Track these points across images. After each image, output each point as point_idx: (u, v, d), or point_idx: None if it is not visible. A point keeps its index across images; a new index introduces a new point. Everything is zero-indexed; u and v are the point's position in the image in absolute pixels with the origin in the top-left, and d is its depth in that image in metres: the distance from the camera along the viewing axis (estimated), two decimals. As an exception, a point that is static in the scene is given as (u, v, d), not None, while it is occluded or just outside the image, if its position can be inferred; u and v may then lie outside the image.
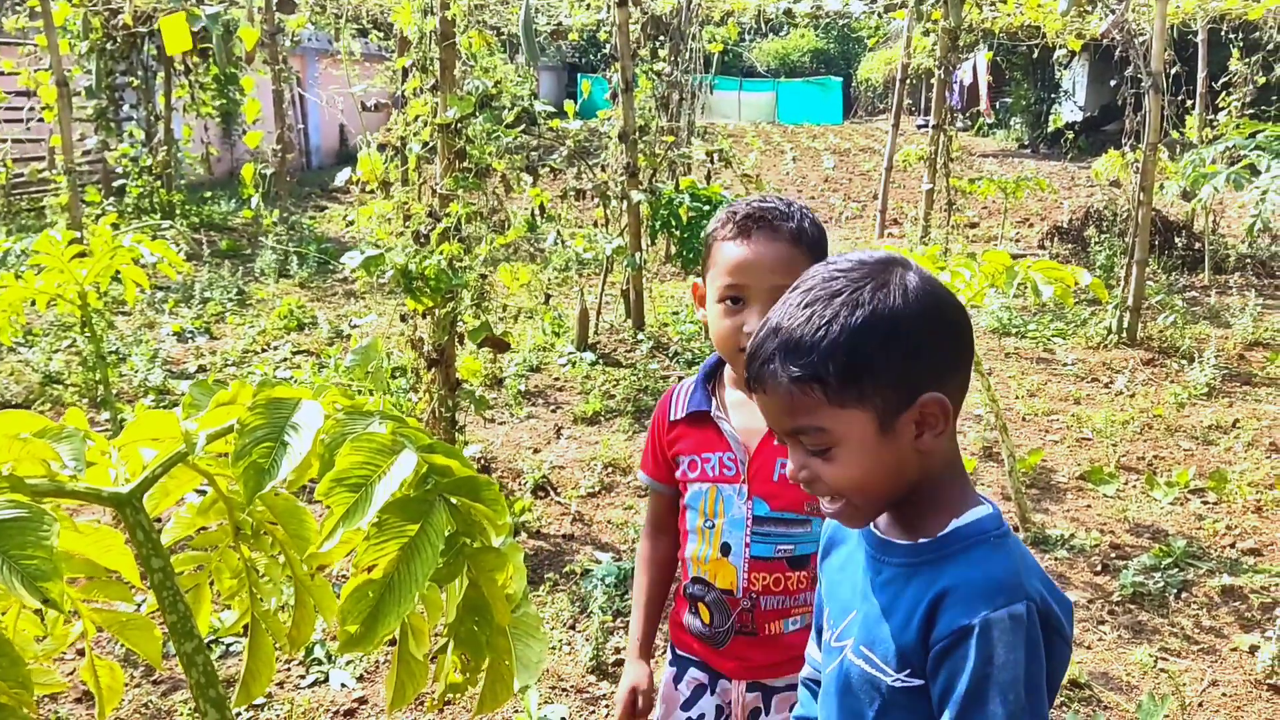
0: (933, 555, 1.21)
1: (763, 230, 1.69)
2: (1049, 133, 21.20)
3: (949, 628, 1.13)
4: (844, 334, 1.14)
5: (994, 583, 1.15)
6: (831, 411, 1.16)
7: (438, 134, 3.96)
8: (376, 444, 1.49)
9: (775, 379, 1.18)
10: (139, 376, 5.94)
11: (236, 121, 12.68)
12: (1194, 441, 5.27)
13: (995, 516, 1.22)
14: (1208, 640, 3.45)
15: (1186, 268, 9.35)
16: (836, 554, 1.38)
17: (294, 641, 2.10)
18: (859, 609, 1.27)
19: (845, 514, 1.23)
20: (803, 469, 1.22)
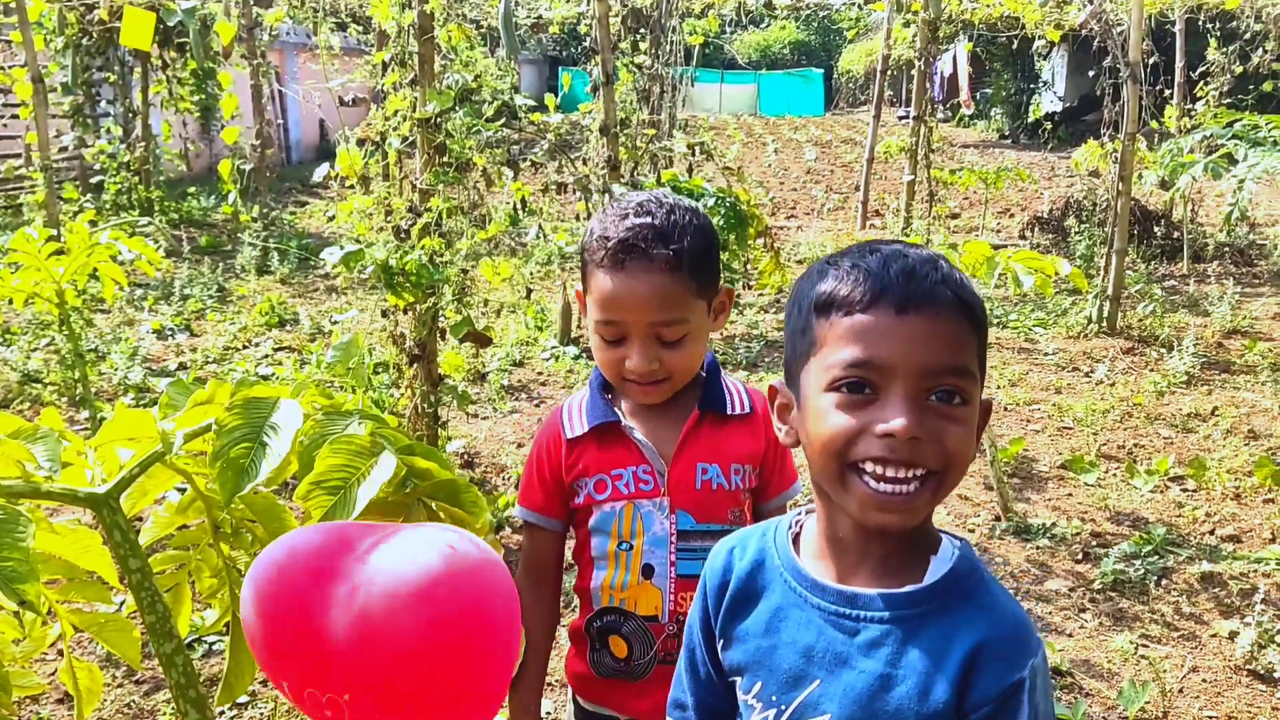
0: (934, 603, 1.07)
1: (637, 260, 1.51)
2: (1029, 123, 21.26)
3: (999, 686, 1.01)
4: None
5: (1023, 627, 1.07)
6: (976, 365, 1.09)
7: (417, 129, 3.94)
8: (356, 446, 1.49)
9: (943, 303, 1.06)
10: (119, 375, 5.90)
11: (215, 117, 12.58)
12: (1173, 429, 5.31)
13: (969, 547, 1.14)
14: (1188, 627, 3.47)
15: (1165, 257, 9.41)
16: (755, 612, 1.17)
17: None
18: (824, 678, 1.09)
19: (923, 501, 1.06)
20: (923, 425, 1.04)
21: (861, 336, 1.04)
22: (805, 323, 1.10)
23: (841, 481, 1.06)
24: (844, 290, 1.06)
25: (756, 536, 1.22)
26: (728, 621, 1.18)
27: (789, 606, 1.13)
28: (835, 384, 1.05)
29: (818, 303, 1.08)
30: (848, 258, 1.10)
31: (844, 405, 1.04)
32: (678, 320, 1.55)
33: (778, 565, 1.17)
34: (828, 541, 1.14)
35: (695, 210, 1.59)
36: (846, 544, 1.12)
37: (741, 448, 1.66)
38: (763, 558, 1.18)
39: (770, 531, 1.21)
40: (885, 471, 1.03)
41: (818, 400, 1.07)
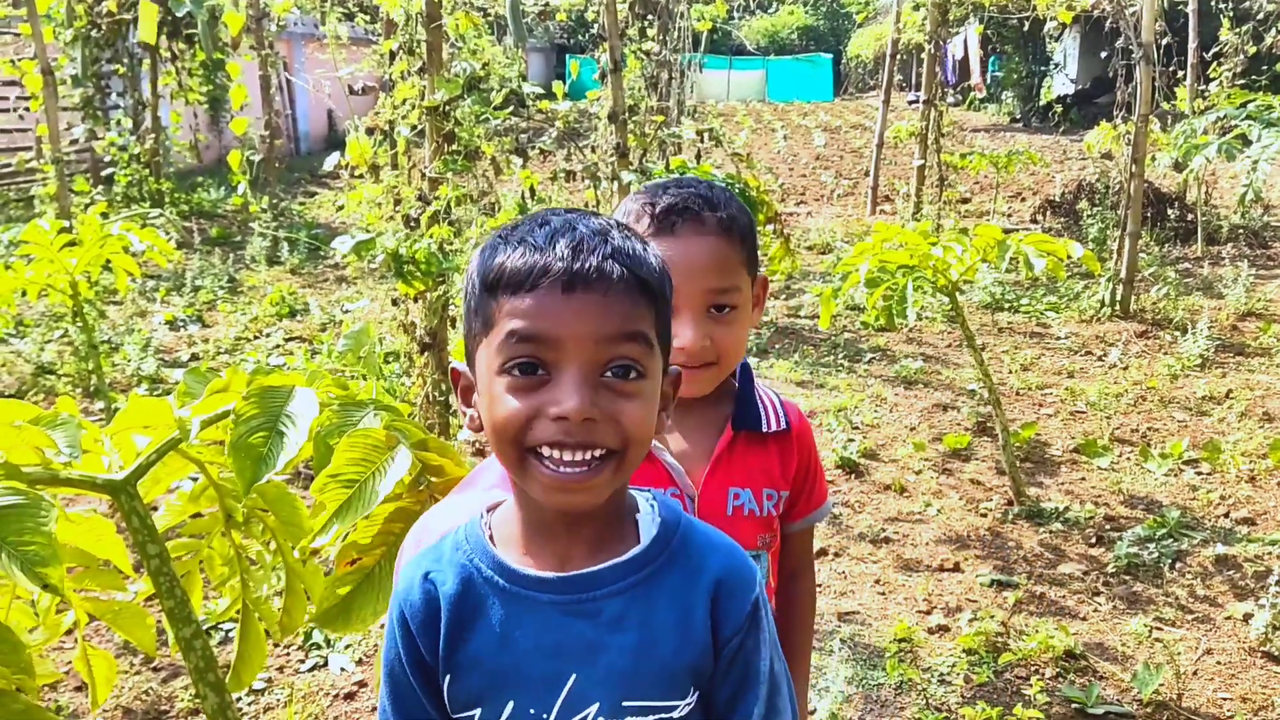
0: (661, 559, 1.07)
1: (689, 224, 1.43)
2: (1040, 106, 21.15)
3: (742, 613, 1.06)
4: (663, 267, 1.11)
5: (740, 553, 1.11)
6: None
7: (426, 117, 3.94)
8: (372, 441, 1.49)
9: (611, 279, 1.03)
10: (132, 365, 5.93)
11: (224, 108, 12.61)
12: (1187, 413, 5.29)
13: (665, 497, 1.13)
14: (1202, 609, 3.47)
15: (1179, 239, 9.35)
16: (480, 634, 1.08)
17: (285, 627, 2.11)
18: (579, 670, 1.05)
19: (604, 480, 1.04)
20: (596, 405, 1.01)
21: (529, 316, 1.01)
22: (478, 302, 1.06)
23: (522, 466, 1.04)
24: (510, 268, 1.02)
25: (448, 554, 1.12)
26: (449, 653, 1.09)
27: (518, 614, 1.07)
28: (506, 366, 1.02)
29: (486, 281, 1.04)
30: (518, 231, 1.07)
31: (516, 388, 1.02)
32: (732, 288, 1.44)
33: (489, 576, 1.08)
34: (534, 533, 1.10)
35: (731, 190, 1.52)
36: (555, 530, 1.08)
37: (775, 470, 1.54)
38: (468, 574, 1.09)
39: (460, 545, 1.12)
40: (562, 455, 1.01)
41: (491, 384, 1.04)
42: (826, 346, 6.55)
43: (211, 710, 1.60)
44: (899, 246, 4.00)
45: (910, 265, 3.95)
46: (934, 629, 3.35)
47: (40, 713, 1.16)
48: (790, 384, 5.83)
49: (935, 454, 4.79)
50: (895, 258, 3.96)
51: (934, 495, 4.37)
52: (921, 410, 5.38)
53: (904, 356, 6.26)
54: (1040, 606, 3.49)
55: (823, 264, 8.83)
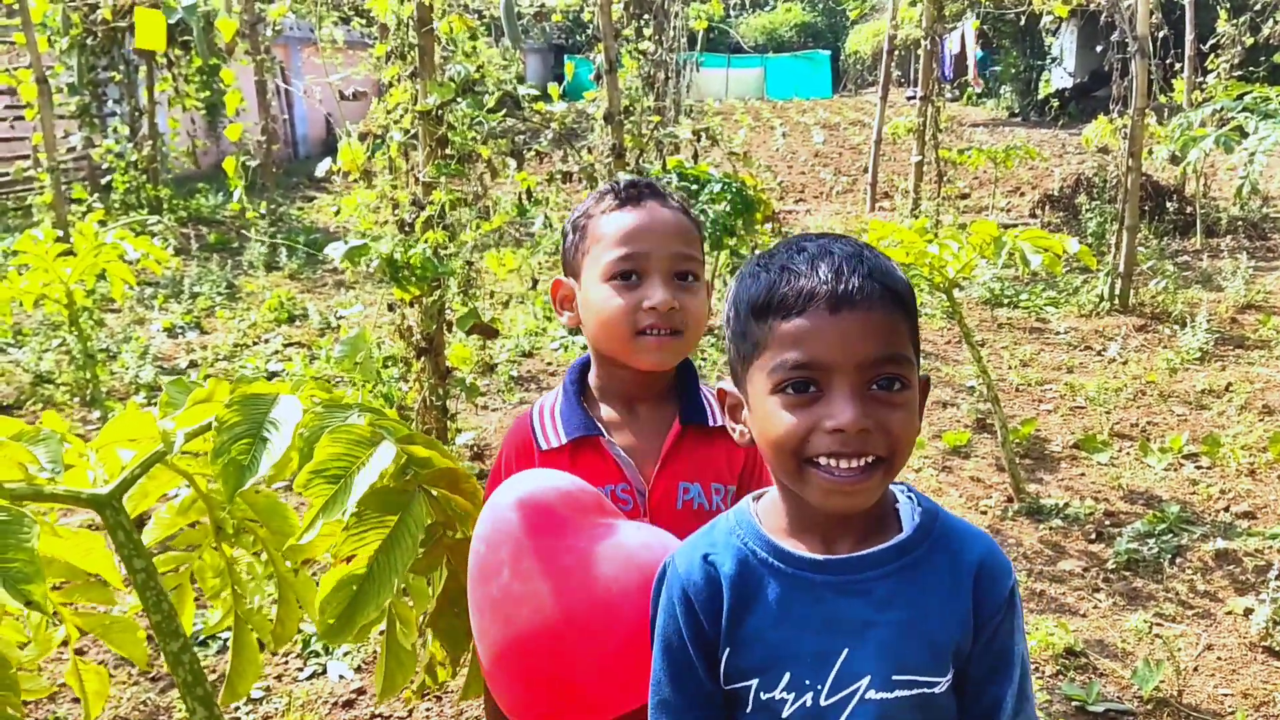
0: (925, 544, 1.17)
1: (652, 196, 1.55)
2: (1038, 100, 21.13)
3: (1002, 595, 1.15)
4: (909, 281, 1.16)
5: (992, 540, 1.20)
6: (910, 350, 1.14)
7: (419, 121, 3.93)
8: (355, 436, 1.49)
9: (873, 298, 1.10)
10: (130, 374, 5.92)
11: (222, 113, 12.59)
12: (1187, 406, 5.27)
13: (907, 485, 1.23)
14: (1202, 605, 3.45)
15: (1178, 232, 9.33)
16: (759, 610, 1.17)
17: (278, 638, 2.10)
18: (851, 645, 1.13)
19: (875, 483, 1.11)
20: (868, 416, 1.09)
21: (800, 339, 1.10)
22: (744, 327, 1.15)
23: (800, 475, 1.12)
24: (778, 293, 1.11)
25: (724, 538, 1.21)
26: (731, 629, 1.17)
27: (793, 591, 1.16)
28: (780, 386, 1.11)
29: (754, 307, 1.14)
30: (776, 259, 1.16)
31: (791, 405, 1.11)
32: (695, 257, 1.54)
33: (764, 558, 1.18)
34: (805, 521, 1.18)
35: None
36: (826, 519, 1.16)
37: (722, 464, 1.57)
38: (744, 555, 1.19)
39: (734, 530, 1.21)
40: (839, 464, 1.09)
41: (765, 402, 1.13)
42: (825, 345, 6.54)
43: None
44: (895, 244, 3.99)
45: (906, 263, 3.93)
46: (934, 628, 3.33)
47: (23, 730, 1.15)
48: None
49: (935, 451, 4.78)
50: (892, 255, 3.94)
51: (934, 493, 4.36)
52: (921, 408, 5.37)
53: (903, 354, 6.24)
54: (1040, 604, 3.48)
55: (821, 262, 8.80)
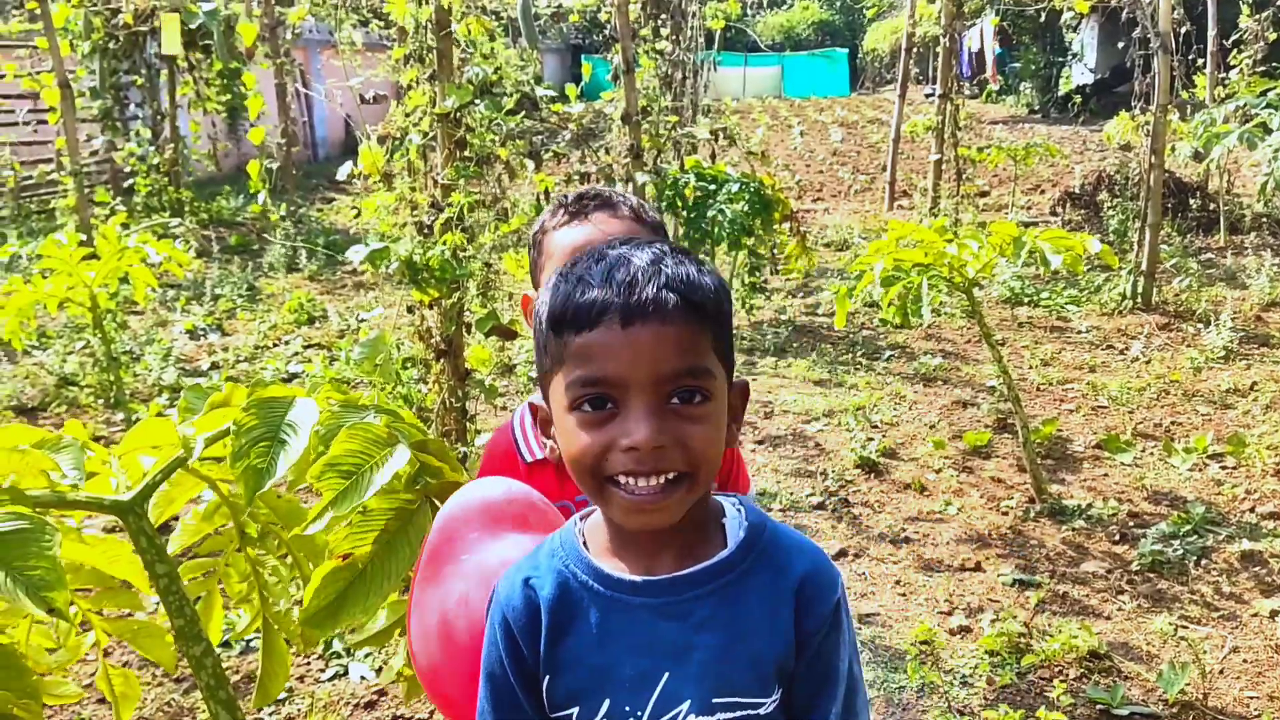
0: (748, 560, 1.12)
1: (601, 208, 1.52)
2: (1059, 97, 21.00)
3: (826, 608, 1.11)
4: (717, 288, 1.09)
5: (821, 553, 1.16)
6: (713, 360, 1.08)
7: (438, 123, 3.93)
8: (372, 434, 1.49)
9: (667, 309, 1.04)
10: (153, 376, 5.97)
11: (242, 116, 12.67)
12: (1211, 406, 5.22)
13: (740, 497, 1.19)
14: (1228, 607, 3.42)
15: (1201, 229, 9.25)
16: (578, 634, 1.13)
17: (307, 640, 2.11)
18: (671, 668, 1.09)
19: (677, 500, 1.07)
20: (664, 432, 1.04)
21: (593, 355, 1.06)
22: (545, 340, 1.12)
23: (601, 493, 1.09)
24: (571, 306, 1.07)
25: (546, 560, 1.17)
26: (550, 654, 1.13)
27: (613, 616, 1.11)
28: (576, 403, 1.07)
29: (551, 320, 1.10)
30: (576, 269, 1.11)
31: (587, 423, 1.07)
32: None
33: (584, 580, 1.13)
34: (624, 540, 1.14)
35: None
36: (644, 538, 1.12)
37: None
38: (564, 578, 1.14)
39: (556, 551, 1.17)
40: (636, 483, 1.05)
41: (565, 419, 1.09)
42: (845, 344, 6.52)
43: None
44: (914, 245, 3.97)
45: (925, 263, 3.91)
46: (955, 630, 3.32)
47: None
48: (808, 382, 5.81)
49: (955, 452, 4.76)
50: (910, 256, 3.93)
51: (954, 494, 4.34)
52: (941, 408, 5.35)
53: (923, 353, 6.22)
54: (1063, 606, 3.45)
55: (840, 260, 8.78)
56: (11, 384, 5.75)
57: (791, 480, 4.51)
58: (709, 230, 6.58)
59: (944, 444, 4.79)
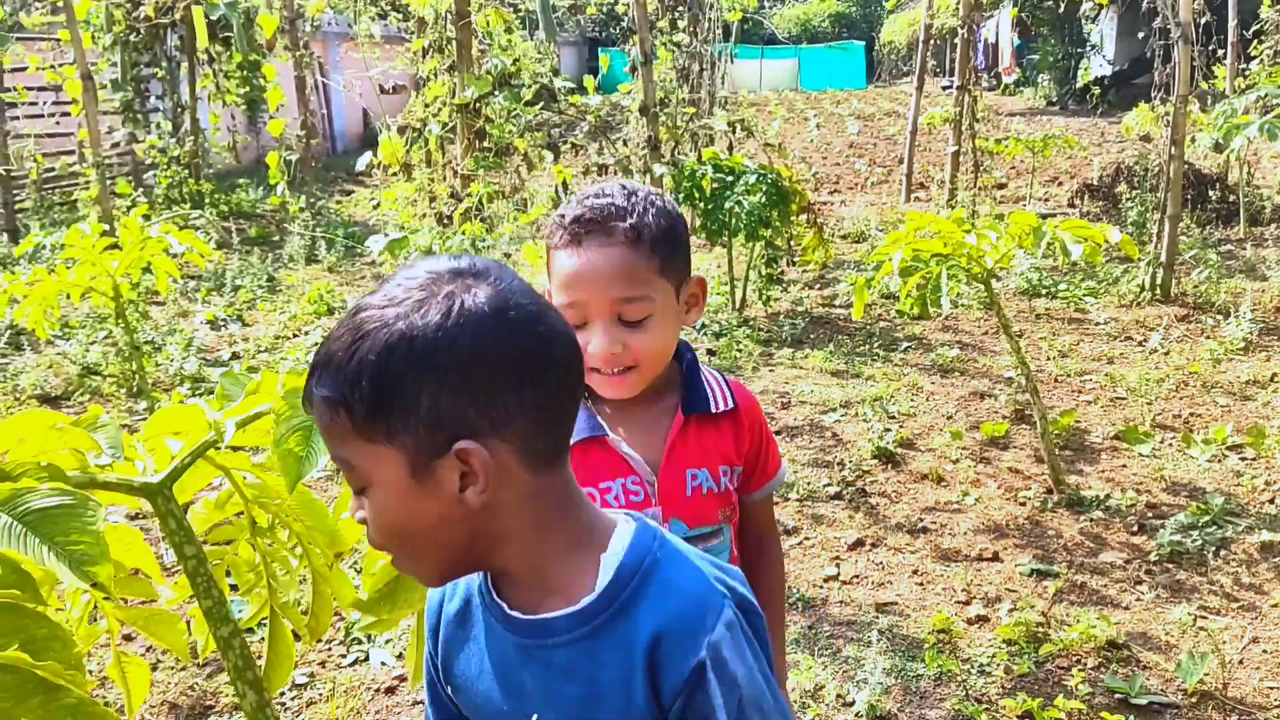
0: (609, 610, 0.99)
1: (594, 235, 1.47)
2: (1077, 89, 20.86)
3: (680, 675, 0.96)
4: (373, 355, 0.92)
5: (694, 600, 1.00)
6: (359, 445, 0.96)
7: (457, 114, 3.96)
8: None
9: (310, 400, 0.98)
10: (174, 365, 6.01)
11: (262, 108, 12.74)
12: (1231, 397, 5.20)
13: (644, 529, 1.03)
14: (1247, 597, 3.42)
15: (1221, 221, 9.20)
16: (466, 655, 1.09)
17: (313, 631, 2.13)
18: (540, 711, 1.03)
19: (403, 567, 1.04)
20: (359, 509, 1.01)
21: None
22: None
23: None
24: None
25: None
26: (446, 667, 1.11)
27: (493, 645, 1.06)
28: None
29: None
30: None
31: None
32: (640, 297, 1.48)
33: (479, 601, 1.07)
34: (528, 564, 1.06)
35: (660, 195, 1.56)
36: (532, 573, 1.05)
37: (728, 447, 1.62)
38: (470, 594, 1.09)
39: None
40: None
41: None
42: (862, 336, 6.52)
43: (250, 708, 1.63)
44: (932, 235, 3.97)
45: (944, 254, 3.91)
46: (973, 619, 3.33)
47: (92, 705, 1.19)
48: (826, 374, 5.81)
49: (973, 442, 4.76)
50: (929, 246, 3.93)
51: (972, 484, 4.34)
52: (958, 398, 5.34)
53: (940, 345, 6.21)
54: (1081, 596, 3.46)
55: (857, 253, 8.77)
56: (35, 373, 5.81)
57: (809, 470, 4.52)
58: (726, 221, 6.59)
59: (961, 435, 4.79)
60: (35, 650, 1.24)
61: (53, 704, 1.19)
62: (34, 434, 1.54)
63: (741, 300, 7.10)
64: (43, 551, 1.34)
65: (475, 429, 0.93)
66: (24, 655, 1.19)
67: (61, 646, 1.30)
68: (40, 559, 1.34)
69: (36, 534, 1.34)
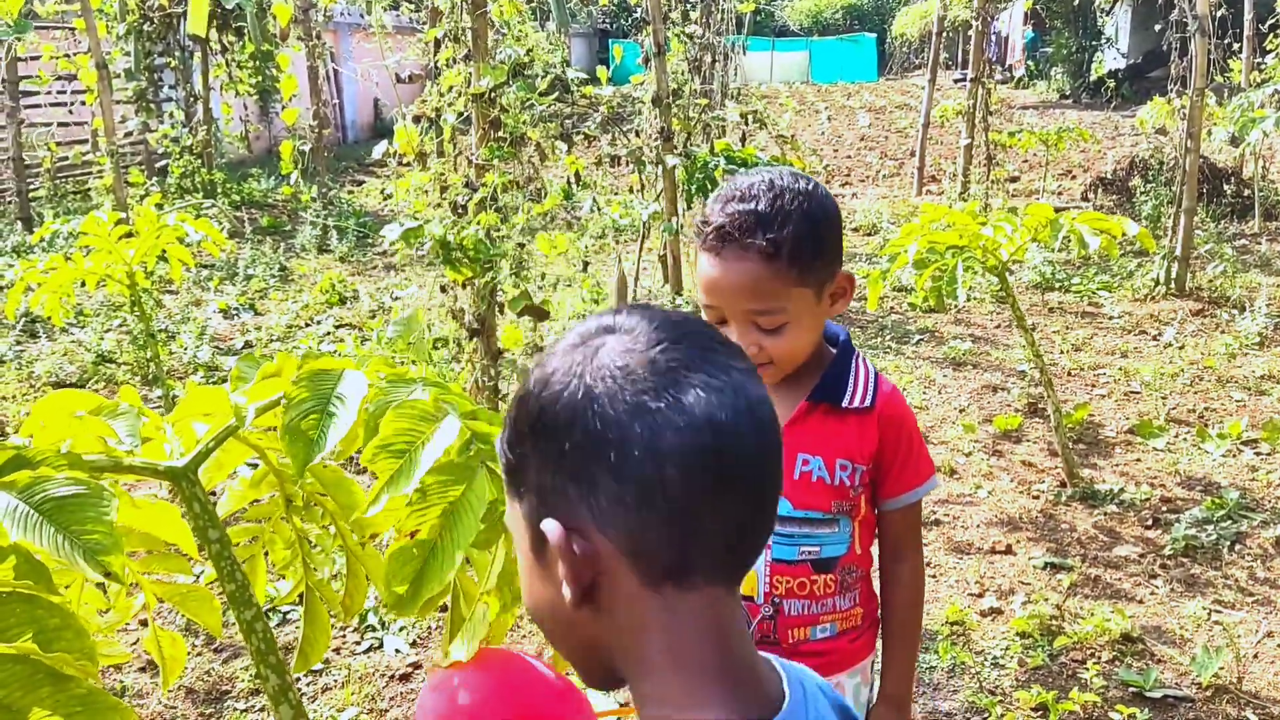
0: None
1: (731, 247, 1.49)
2: (1091, 82, 20.78)
3: None
4: (511, 409, 0.87)
5: None
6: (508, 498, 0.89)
7: (472, 104, 3.95)
8: (419, 411, 1.51)
9: None
10: (188, 353, 6.04)
11: (274, 98, 12.76)
12: (1245, 392, 5.18)
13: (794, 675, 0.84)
14: (1262, 592, 3.41)
15: (1235, 216, 9.15)
16: None
17: (348, 609, 2.14)
18: None
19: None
20: None
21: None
22: None
23: None
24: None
25: None
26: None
27: None
28: None
29: None
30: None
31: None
32: (772, 310, 1.50)
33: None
34: None
35: (808, 193, 1.52)
36: None
37: (851, 443, 1.61)
38: None
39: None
40: None
41: None
42: (874, 328, 6.51)
43: (273, 691, 1.63)
44: (947, 227, 3.96)
45: (959, 245, 3.90)
46: (986, 612, 3.33)
47: (103, 695, 1.19)
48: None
49: (985, 435, 4.75)
50: (944, 238, 3.92)
51: (984, 477, 4.33)
52: (971, 391, 5.33)
53: (952, 338, 6.20)
54: (1095, 589, 3.45)
55: (869, 245, 8.75)
56: (51, 360, 5.83)
57: (821, 462, 4.51)
58: (739, 213, 6.57)
59: (974, 428, 4.78)
60: (47, 641, 1.24)
61: (63, 694, 1.19)
62: (55, 420, 1.55)
63: (753, 292, 7.08)
64: (58, 540, 1.34)
65: (576, 513, 0.78)
66: (33, 645, 1.19)
67: (74, 636, 1.31)
68: (55, 548, 1.34)
69: (52, 523, 1.34)
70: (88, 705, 1.18)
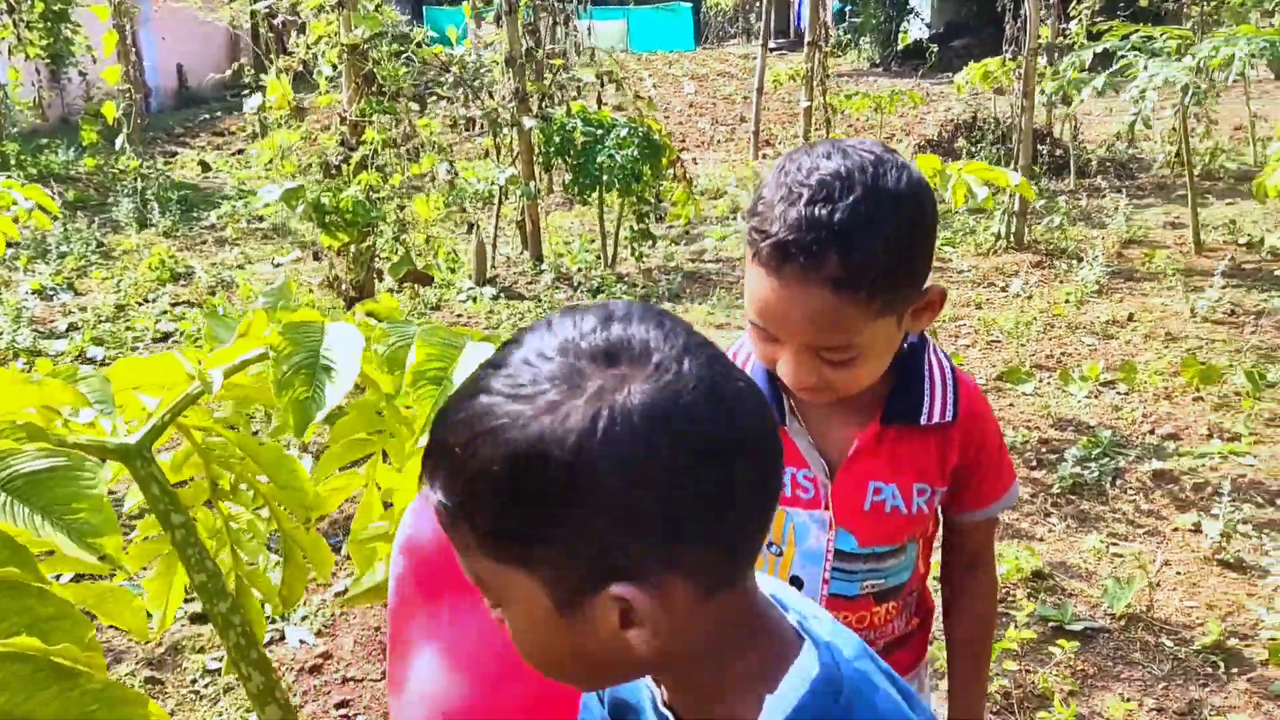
0: None
1: (792, 268, 1.13)
2: (899, 51, 21.56)
3: None
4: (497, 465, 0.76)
5: None
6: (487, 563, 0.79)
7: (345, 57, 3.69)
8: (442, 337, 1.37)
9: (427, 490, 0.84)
10: (5, 338, 5.48)
11: (67, 63, 11.75)
12: (1095, 336, 5.46)
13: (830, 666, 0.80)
14: (1150, 523, 3.58)
15: (1053, 173, 9.66)
16: None
17: (286, 600, 1.96)
18: None
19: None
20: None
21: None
22: None
23: None
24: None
25: None
26: None
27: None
28: None
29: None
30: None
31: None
32: (841, 346, 1.20)
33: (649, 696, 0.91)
34: None
35: (901, 190, 1.16)
36: None
37: (930, 465, 1.36)
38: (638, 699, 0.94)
39: None
40: None
41: None
42: (738, 290, 6.53)
43: (257, 690, 1.44)
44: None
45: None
46: (902, 559, 3.36)
47: (120, 689, 1.01)
48: (709, 327, 5.79)
49: (867, 389, 4.82)
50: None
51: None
52: (844, 347, 5.41)
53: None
54: (1000, 532, 3.54)
55: (718, 208, 8.79)
56: None
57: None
58: (598, 176, 6.46)
59: (855, 381, 4.84)
60: (44, 632, 1.06)
61: (73, 691, 1.02)
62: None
63: (613, 256, 6.99)
64: (36, 521, 1.14)
65: (638, 570, 0.72)
66: (34, 640, 1.01)
67: (72, 625, 1.12)
68: (35, 530, 1.13)
69: (27, 503, 1.14)
70: (104, 701, 1.00)
